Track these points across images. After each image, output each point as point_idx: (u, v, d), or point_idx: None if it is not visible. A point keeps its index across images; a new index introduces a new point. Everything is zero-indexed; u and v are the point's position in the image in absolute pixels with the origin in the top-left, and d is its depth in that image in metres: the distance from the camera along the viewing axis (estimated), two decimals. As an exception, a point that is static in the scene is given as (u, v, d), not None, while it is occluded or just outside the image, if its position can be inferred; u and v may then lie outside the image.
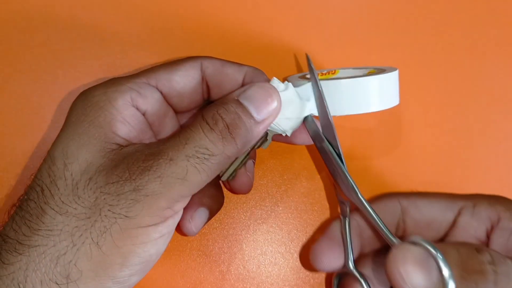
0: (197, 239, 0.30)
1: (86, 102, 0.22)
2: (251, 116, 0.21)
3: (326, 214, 0.31)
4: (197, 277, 0.30)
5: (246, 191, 0.27)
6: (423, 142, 0.32)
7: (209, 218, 0.27)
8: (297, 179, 0.31)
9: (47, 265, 0.19)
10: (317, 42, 0.34)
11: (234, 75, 0.24)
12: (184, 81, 0.24)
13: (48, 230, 0.19)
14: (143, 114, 0.23)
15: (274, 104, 0.22)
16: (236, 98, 0.22)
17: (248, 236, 0.30)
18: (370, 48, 0.34)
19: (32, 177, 0.21)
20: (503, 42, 0.34)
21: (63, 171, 0.20)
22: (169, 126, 0.25)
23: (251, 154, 0.26)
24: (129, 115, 0.22)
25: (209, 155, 0.20)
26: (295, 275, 0.30)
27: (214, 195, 0.27)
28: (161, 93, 0.24)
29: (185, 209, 0.26)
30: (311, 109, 0.24)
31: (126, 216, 0.19)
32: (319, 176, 0.31)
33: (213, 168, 0.21)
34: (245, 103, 0.21)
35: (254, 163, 0.28)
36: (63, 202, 0.19)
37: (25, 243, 0.19)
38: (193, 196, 0.25)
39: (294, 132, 0.24)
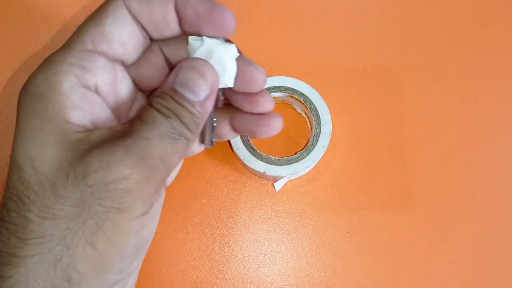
0: (197, 239, 0.30)
1: (30, 95, 0.19)
2: (192, 101, 0.20)
3: (326, 214, 0.31)
4: (197, 276, 0.30)
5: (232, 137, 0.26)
6: (424, 142, 0.32)
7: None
8: (297, 179, 0.31)
9: (46, 272, 0.18)
10: (316, 41, 0.34)
11: (162, 4, 0.21)
12: (117, 29, 0.21)
13: (40, 237, 0.18)
14: (95, 90, 0.21)
15: (209, 79, 0.21)
16: (171, 86, 0.20)
17: (248, 235, 0.30)
18: (370, 48, 0.34)
19: (5, 186, 0.20)
20: (504, 41, 0.34)
21: (35, 175, 0.18)
22: (125, 88, 0.23)
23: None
24: (80, 98, 0.20)
25: (178, 135, 0.20)
26: (294, 275, 0.30)
27: None
28: (103, 54, 0.21)
29: None
30: (234, 52, 0.22)
31: (119, 209, 0.18)
32: (319, 176, 0.31)
33: (183, 149, 0.20)
34: (181, 89, 0.20)
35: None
36: (46, 206, 0.18)
37: (19, 255, 0.18)
38: None
39: (240, 78, 0.22)
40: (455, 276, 0.30)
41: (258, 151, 0.29)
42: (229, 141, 0.30)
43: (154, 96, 0.20)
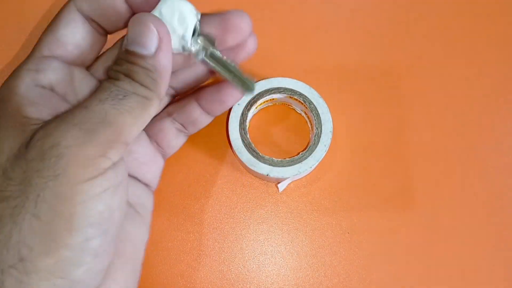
0: (197, 239, 0.30)
1: None
2: (143, 56, 0.21)
3: (326, 213, 0.31)
4: (197, 276, 0.30)
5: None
6: (424, 142, 0.32)
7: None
8: (299, 179, 0.31)
9: (1, 253, 0.18)
10: (315, 41, 0.34)
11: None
12: (70, 32, 0.22)
13: None
14: (52, 89, 0.22)
15: (153, 28, 0.21)
16: (123, 48, 0.21)
17: (248, 235, 0.30)
18: (370, 48, 0.34)
19: None
20: (506, 41, 0.34)
21: None
22: (86, 85, 0.23)
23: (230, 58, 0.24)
24: (36, 96, 0.21)
25: (124, 95, 0.20)
26: (295, 275, 0.30)
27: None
28: (59, 57, 0.22)
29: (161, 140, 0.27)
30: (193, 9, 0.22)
31: (55, 176, 0.18)
32: (319, 176, 0.31)
33: (136, 108, 0.20)
34: (131, 47, 0.21)
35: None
36: (0, 191, 0.19)
37: None
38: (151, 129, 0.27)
39: (225, 29, 0.22)
40: (456, 276, 0.30)
41: (260, 154, 0.29)
42: (230, 146, 0.30)
43: (109, 66, 0.21)
